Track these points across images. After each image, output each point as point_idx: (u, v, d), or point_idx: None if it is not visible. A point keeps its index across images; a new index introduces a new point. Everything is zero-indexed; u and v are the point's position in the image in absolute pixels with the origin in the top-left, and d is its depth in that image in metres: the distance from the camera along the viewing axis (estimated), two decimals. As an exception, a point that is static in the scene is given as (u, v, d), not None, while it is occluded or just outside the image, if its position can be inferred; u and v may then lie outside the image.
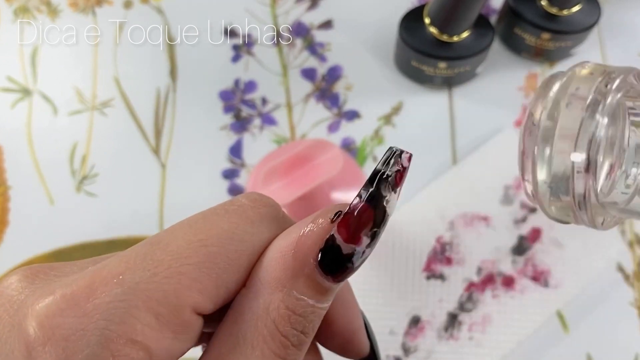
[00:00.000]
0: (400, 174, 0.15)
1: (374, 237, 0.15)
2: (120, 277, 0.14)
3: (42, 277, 0.15)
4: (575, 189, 0.16)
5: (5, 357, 0.14)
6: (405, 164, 0.15)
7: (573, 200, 0.16)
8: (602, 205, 0.17)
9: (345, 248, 0.15)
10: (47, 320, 0.13)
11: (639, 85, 0.17)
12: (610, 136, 0.17)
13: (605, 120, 0.15)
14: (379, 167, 0.15)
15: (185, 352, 0.16)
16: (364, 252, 0.15)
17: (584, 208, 0.16)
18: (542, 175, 0.16)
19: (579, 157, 0.15)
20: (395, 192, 0.15)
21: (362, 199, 0.15)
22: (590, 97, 0.15)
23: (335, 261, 0.15)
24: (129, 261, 0.15)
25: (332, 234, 0.15)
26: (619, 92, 0.16)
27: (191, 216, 0.16)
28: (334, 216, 0.15)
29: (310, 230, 0.15)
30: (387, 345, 0.38)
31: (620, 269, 0.39)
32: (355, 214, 0.15)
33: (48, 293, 0.14)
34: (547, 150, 0.16)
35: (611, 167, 0.17)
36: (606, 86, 0.16)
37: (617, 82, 0.16)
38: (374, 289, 0.39)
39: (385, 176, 0.15)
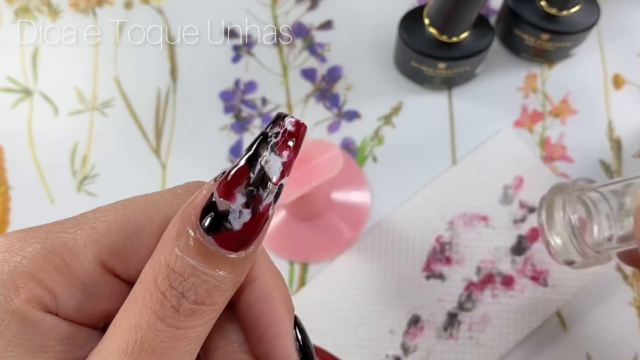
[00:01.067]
0: (284, 136, 0.15)
1: (250, 196, 0.15)
2: (51, 226, 0.16)
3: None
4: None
5: None
6: (289, 127, 0.15)
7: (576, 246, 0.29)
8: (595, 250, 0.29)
9: (220, 204, 0.15)
10: None
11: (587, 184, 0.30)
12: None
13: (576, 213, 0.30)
14: (263, 129, 0.15)
15: (104, 315, 0.17)
16: (240, 211, 0.15)
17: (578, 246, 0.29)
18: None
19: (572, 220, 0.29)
20: (277, 154, 0.15)
21: (240, 158, 0.15)
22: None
23: (212, 218, 0.15)
24: (70, 217, 0.17)
25: (212, 192, 0.15)
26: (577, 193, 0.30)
27: None
28: (219, 176, 0.15)
29: (200, 191, 0.15)
30: (387, 344, 0.38)
31: (619, 268, 0.39)
32: (231, 170, 0.15)
33: (2, 235, 0.16)
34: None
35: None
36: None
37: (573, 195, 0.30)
38: (374, 289, 0.39)
39: (264, 136, 0.15)
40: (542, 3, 0.41)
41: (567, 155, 0.42)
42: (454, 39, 0.40)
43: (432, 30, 0.40)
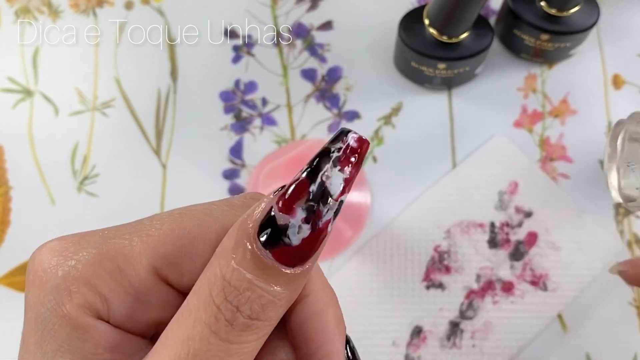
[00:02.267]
0: (346, 152, 0.15)
1: (310, 211, 0.15)
2: (107, 232, 0.16)
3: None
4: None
5: None
6: (352, 143, 0.15)
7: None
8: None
9: (280, 218, 0.14)
10: (39, 256, 0.16)
11: None
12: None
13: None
14: (326, 144, 0.15)
15: (154, 325, 0.17)
16: (300, 227, 0.14)
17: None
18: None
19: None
20: (338, 170, 0.15)
21: (301, 172, 0.15)
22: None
23: (270, 232, 0.14)
24: (127, 223, 0.17)
25: (272, 206, 0.15)
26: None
27: None
28: (278, 190, 0.15)
29: (258, 204, 0.15)
30: (390, 357, 0.38)
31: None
32: (291, 184, 0.15)
33: (57, 238, 0.16)
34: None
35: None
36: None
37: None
38: (375, 301, 0.39)
39: (326, 151, 0.15)
40: (542, 3, 0.41)
41: (567, 156, 0.42)
42: (454, 40, 0.40)
43: (432, 30, 0.40)
